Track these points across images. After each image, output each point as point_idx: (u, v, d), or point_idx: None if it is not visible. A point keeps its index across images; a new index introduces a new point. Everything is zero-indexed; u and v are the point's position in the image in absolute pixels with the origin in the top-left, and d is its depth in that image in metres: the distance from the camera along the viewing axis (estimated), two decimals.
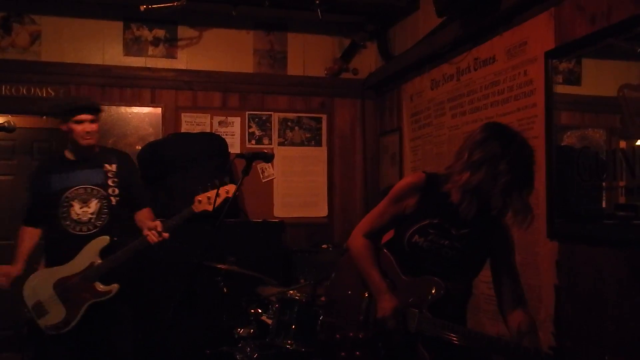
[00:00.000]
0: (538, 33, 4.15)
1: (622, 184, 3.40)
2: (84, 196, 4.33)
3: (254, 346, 4.55)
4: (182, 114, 6.56)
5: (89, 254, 4.25)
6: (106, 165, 4.44)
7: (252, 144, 6.75)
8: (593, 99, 3.88)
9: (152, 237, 4.22)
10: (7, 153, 7.60)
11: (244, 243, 5.51)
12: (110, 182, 4.41)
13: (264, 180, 6.77)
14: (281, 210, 6.72)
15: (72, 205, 4.29)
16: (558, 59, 3.95)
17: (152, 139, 6.35)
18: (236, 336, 4.63)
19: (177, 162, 5.96)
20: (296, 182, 6.86)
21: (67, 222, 4.28)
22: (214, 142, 6.30)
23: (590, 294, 3.63)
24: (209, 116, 6.64)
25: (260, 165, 6.72)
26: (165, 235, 4.24)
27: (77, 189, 4.32)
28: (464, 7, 4.74)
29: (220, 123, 6.64)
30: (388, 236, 3.20)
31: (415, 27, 6.12)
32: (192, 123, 6.57)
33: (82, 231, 4.29)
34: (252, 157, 3.60)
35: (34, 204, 4.44)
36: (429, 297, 2.83)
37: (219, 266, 4.67)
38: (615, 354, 3.43)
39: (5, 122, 3.36)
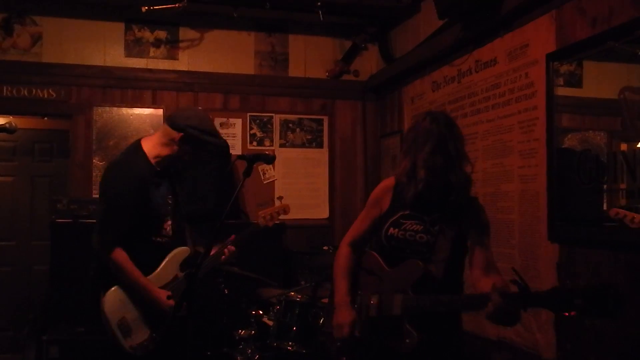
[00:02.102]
0: (539, 35, 4.15)
1: (622, 186, 3.41)
2: (168, 208, 3.98)
3: (255, 348, 4.55)
4: None
5: (172, 267, 3.95)
6: (171, 171, 4.11)
7: (254, 146, 6.76)
8: (594, 101, 3.89)
9: (227, 253, 4.08)
10: (8, 154, 7.60)
11: (244, 245, 5.51)
12: (171, 192, 4.10)
13: (265, 182, 6.77)
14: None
15: (166, 219, 3.95)
16: (559, 62, 3.96)
17: None
18: (237, 338, 4.63)
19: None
20: (297, 184, 6.86)
21: (159, 239, 3.91)
22: None
23: None
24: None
25: (262, 167, 6.73)
26: (232, 248, 4.11)
27: (167, 202, 3.98)
28: (465, 10, 4.75)
29: (221, 124, 6.64)
30: None
31: (416, 29, 6.12)
32: None
33: (167, 242, 3.95)
34: (254, 159, 3.58)
35: (129, 221, 3.78)
36: (410, 279, 2.93)
37: (219, 268, 4.67)
38: (615, 357, 3.44)
39: (7, 123, 3.33)
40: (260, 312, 4.72)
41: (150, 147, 3.90)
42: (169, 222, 3.99)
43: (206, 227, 4.11)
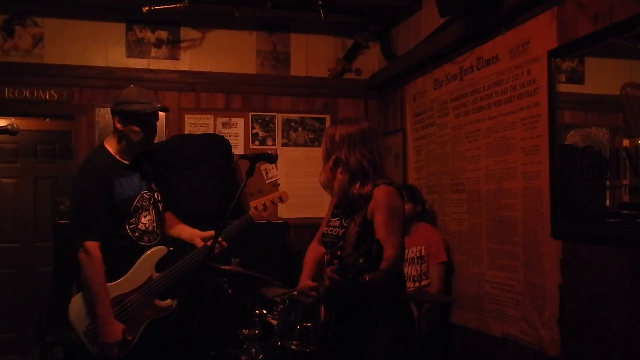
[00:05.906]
0: (541, 32, 4.14)
1: (625, 182, 3.40)
2: (144, 203, 3.95)
3: (259, 347, 4.56)
4: (186, 116, 6.56)
5: (146, 267, 3.88)
6: (145, 166, 4.08)
7: (256, 145, 6.76)
8: (596, 97, 3.89)
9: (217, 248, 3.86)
10: (11, 156, 7.62)
11: (248, 244, 5.50)
12: (153, 186, 4.07)
13: (268, 181, 6.77)
14: (285, 211, 6.71)
15: (140, 215, 3.91)
16: (561, 58, 3.95)
17: (155, 140, 6.30)
18: (241, 337, 4.64)
19: (180, 164, 5.96)
20: (300, 183, 6.84)
21: (137, 234, 3.88)
22: (218, 144, 6.30)
23: (595, 293, 3.63)
24: (212, 117, 6.64)
25: (264, 166, 6.72)
26: (224, 244, 3.99)
27: (141, 196, 3.94)
28: (466, 7, 4.74)
29: (223, 124, 6.65)
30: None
31: (418, 27, 6.12)
32: (196, 124, 6.58)
33: (149, 241, 3.92)
34: (256, 158, 3.60)
35: (99, 214, 3.79)
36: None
37: (223, 267, 4.68)
38: (619, 352, 3.43)
39: (9, 124, 3.33)
40: (264, 312, 4.73)
41: (112, 144, 4.02)
42: (148, 217, 3.97)
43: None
